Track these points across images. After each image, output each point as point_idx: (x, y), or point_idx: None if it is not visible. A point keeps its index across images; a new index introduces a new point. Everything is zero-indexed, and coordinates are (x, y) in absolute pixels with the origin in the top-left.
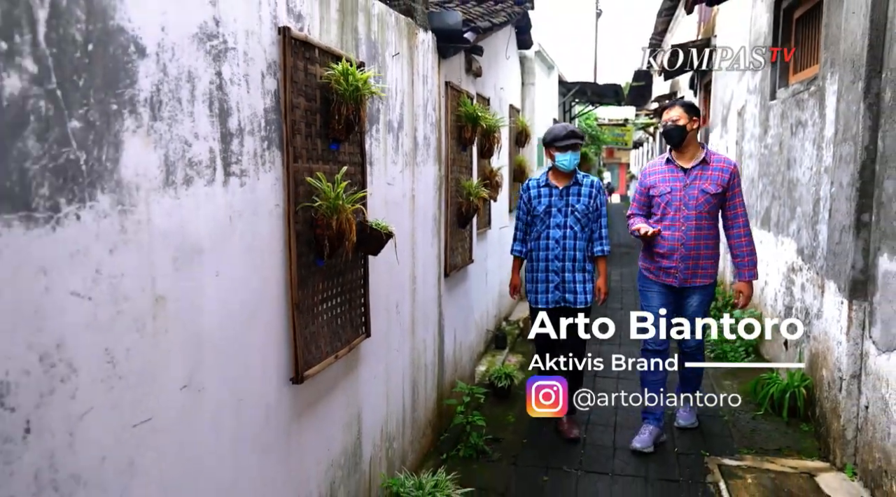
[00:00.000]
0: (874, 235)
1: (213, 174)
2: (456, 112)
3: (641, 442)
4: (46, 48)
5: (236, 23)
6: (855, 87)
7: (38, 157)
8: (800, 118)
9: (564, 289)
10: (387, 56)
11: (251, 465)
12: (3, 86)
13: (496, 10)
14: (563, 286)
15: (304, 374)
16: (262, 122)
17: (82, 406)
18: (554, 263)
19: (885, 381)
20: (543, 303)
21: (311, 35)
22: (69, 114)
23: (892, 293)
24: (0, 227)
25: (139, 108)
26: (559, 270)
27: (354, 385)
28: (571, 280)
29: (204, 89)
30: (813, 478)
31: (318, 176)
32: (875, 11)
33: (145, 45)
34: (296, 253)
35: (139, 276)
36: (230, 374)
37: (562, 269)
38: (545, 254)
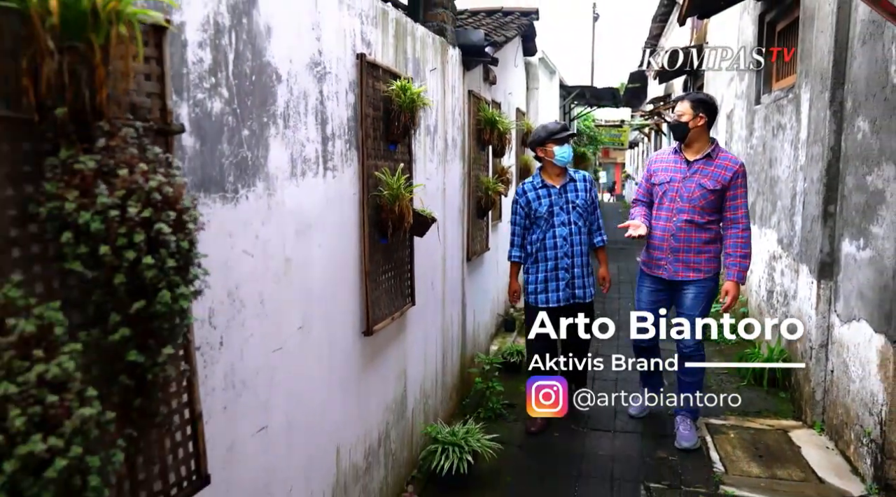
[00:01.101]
0: (838, 224)
1: (317, 168)
2: (476, 117)
3: (636, 409)
4: (233, 80)
5: (331, 52)
6: (823, 96)
7: (228, 155)
8: (780, 122)
9: (574, 285)
10: (426, 71)
11: (335, 395)
12: (212, 107)
13: (507, 23)
14: (572, 282)
15: (372, 328)
16: (346, 128)
17: (248, 332)
18: (564, 261)
19: (846, 347)
20: (554, 301)
21: (377, 58)
22: (242, 125)
23: (851, 272)
24: (211, 203)
25: (277, 120)
26: (569, 267)
27: (403, 345)
28: (580, 275)
29: (312, 104)
30: (786, 433)
31: (383, 171)
32: (839, 33)
33: (281, 74)
34: (367, 232)
35: (277, 242)
36: (326, 322)
37: (571, 265)
38: (554, 252)
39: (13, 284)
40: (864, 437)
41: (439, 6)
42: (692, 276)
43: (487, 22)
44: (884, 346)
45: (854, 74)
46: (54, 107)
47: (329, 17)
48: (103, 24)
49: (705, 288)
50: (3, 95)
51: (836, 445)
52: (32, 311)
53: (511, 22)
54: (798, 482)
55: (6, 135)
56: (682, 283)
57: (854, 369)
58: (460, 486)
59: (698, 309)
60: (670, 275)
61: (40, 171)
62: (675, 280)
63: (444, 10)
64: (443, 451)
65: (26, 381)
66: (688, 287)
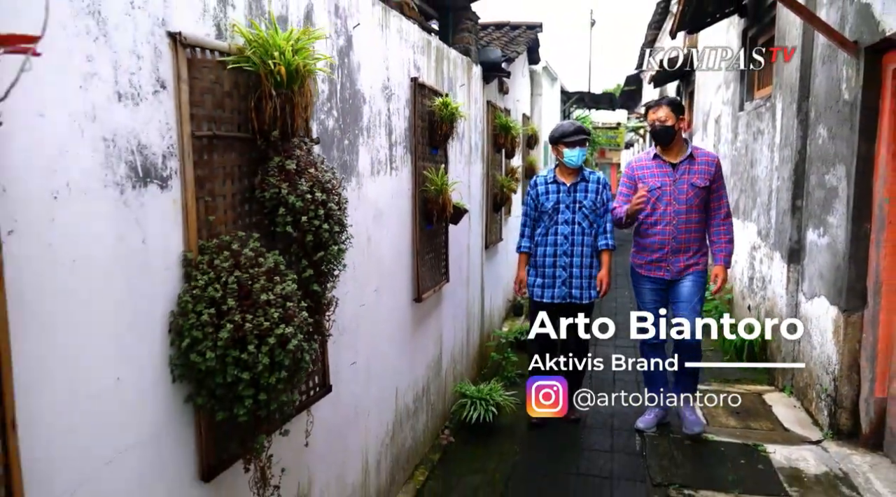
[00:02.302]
0: (804, 216)
1: (386, 168)
2: (493, 123)
3: (645, 423)
4: (339, 104)
5: (395, 77)
6: (792, 106)
7: (336, 158)
8: (759, 127)
9: (571, 284)
10: (457, 86)
11: (395, 347)
12: (328, 124)
13: (516, 37)
14: (570, 282)
15: (421, 296)
16: (404, 136)
17: (346, 289)
18: (562, 259)
19: (809, 319)
20: (549, 297)
21: (424, 79)
22: (344, 136)
23: (813, 256)
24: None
25: (363, 132)
26: (567, 266)
27: (439, 315)
28: (578, 276)
29: (383, 119)
30: (761, 396)
31: (429, 170)
32: (804, 53)
33: (366, 97)
34: (418, 219)
35: (362, 224)
36: (390, 289)
37: (569, 264)
38: (553, 249)
39: (254, 239)
40: (822, 393)
41: (465, 31)
42: (693, 269)
43: (497, 35)
44: (837, 315)
45: (816, 89)
46: (270, 130)
47: (393, 50)
48: (300, 78)
49: (701, 277)
50: (238, 124)
51: (802, 404)
52: (267, 255)
53: (519, 36)
54: (767, 431)
55: (239, 148)
56: (680, 278)
57: (815, 337)
58: (486, 432)
59: (696, 297)
60: (673, 275)
61: (255, 171)
62: (675, 278)
63: (469, 34)
64: (471, 404)
65: (276, 292)
66: (685, 277)
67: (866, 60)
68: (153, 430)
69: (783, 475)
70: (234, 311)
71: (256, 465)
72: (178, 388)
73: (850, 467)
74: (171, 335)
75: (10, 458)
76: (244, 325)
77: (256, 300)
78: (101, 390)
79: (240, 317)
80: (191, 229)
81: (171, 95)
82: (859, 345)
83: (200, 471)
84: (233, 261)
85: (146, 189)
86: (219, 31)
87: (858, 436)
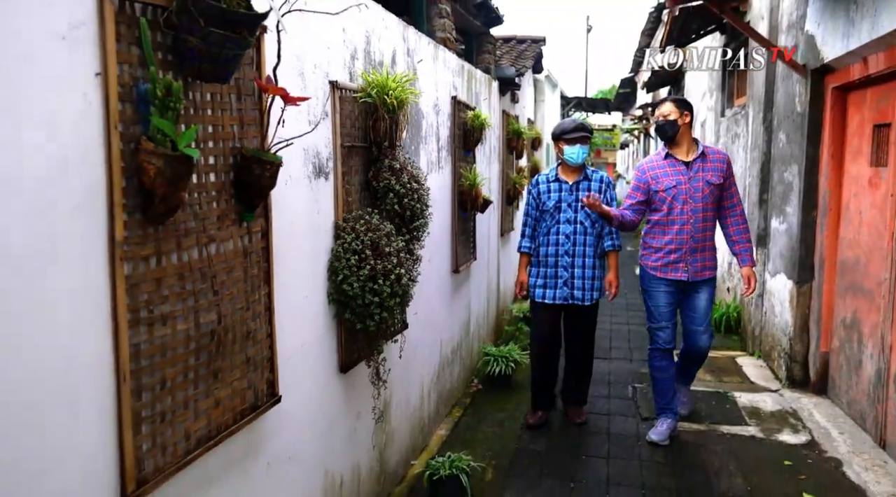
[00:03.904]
0: (769, 207)
1: (436, 168)
2: (507, 129)
3: (659, 435)
4: (410, 119)
5: (441, 97)
6: (759, 115)
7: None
8: (736, 131)
9: (573, 285)
10: (481, 100)
11: (439, 306)
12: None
13: (523, 51)
14: (571, 283)
15: (458, 269)
16: (447, 142)
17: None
18: (564, 259)
19: (773, 293)
20: (551, 298)
21: (459, 96)
22: (411, 143)
23: (776, 240)
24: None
25: (422, 140)
26: (569, 266)
27: (469, 286)
28: (580, 276)
29: (434, 130)
30: (734, 359)
31: (463, 169)
32: (768, 70)
33: (423, 114)
34: (456, 208)
35: None
36: (438, 260)
37: (571, 264)
38: (555, 249)
39: (373, 214)
40: (781, 352)
41: (486, 52)
42: (708, 274)
43: (507, 49)
44: (792, 287)
45: (778, 101)
46: (382, 141)
47: (440, 76)
48: (402, 106)
49: (713, 287)
50: (361, 138)
51: (767, 364)
52: (383, 224)
53: (526, 50)
54: (737, 383)
55: (362, 154)
56: (698, 283)
57: (777, 307)
58: (506, 383)
59: (710, 309)
60: (691, 275)
61: (370, 169)
62: (695, 280)
63: (489, 55)
64: (494, 361)
65: (392, 247)
66: (701, 288)
67: (812, 80)
68: (319, 334)
69: (745, 412)
70: (369, 258)
71: (374, 364)
72: (331, 309)
73: (799, 406)
74: (328, 273)
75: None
76: (376, 267)
77: (382, 251)
78: (300, 302)
79: (373, 262)
80: (339, 205)
81: (330, 121)
82: (808, 310)
83: (340, 365)
84: (366, 226)
85: (319, 180)
86: (350, 77)
87: (808, 384)
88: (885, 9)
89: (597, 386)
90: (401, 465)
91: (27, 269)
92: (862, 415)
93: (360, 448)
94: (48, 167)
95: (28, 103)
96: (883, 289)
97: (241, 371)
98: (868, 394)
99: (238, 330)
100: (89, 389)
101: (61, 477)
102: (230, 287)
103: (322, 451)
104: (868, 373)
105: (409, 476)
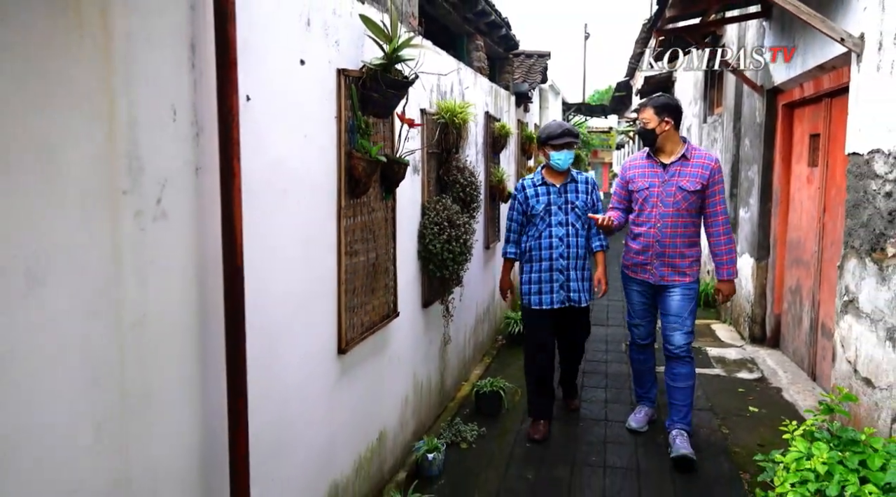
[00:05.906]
0: (738, 199)
1: (474, 167)
2: (521, 135)
3: (637, 421)
4: (472, 128)
5: (478, 113)
6: (730, 123)
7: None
8: (715, 136)
9: (569, 288)
10: (503, 112)
11: (476, 276)
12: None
13: (532, 65)
14: (567, 285)
15: (489, 245)
16: (481, 147)
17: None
18: (559, 262)
19: (741, 269)
20: (548, 303)
21: (490, 110)
22: (461, 148)
23: (742, 227)
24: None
25: (469, 145)
26: (564, 269)
27: (493, 261)
28: (576, 278)
29: (474, 138)
30: (709, 326)
31: (492, 167)
32: (737, 86)
33: (469, 127)
34: (489, 198)
35: None
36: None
37: (566, 267)
38: (549, 252)
39: (444, 199)
40: (745, 316)
41: (506, 72)
42: (677, 279)
43: (517, 63)
44: (753, 264)
45: (744, 113)
46: (450, 148)
47: (478, 96)
48: (465, 121)
49: (691, 289)
50: (435, 145)
51: (735, 328)
52: (453, 206)
53: (535, 64)
54: (709, 342)
55: (436, 157)
56: (668, 287)
57: (743, 281)
58: (519, 343)
59: (686, 310)
60: (656, 279)
61: (440, 167)
62: (660, 284)
63: (508, 75)
64: (514, 323)
65: (460, 221)
66: (673, 290)
67: (767, 98)
68: (413, 277)
69: (713, 360)
70: (447, 227)
71: (446, 303)
72: (418, 263)
73: (756, 355)
74: (418, 237)
75: (395, 269)
76: (451, 234)
77: (455, 223)
78: (406, 255)
79: (449, 230)
80: (425, 192)
81: (421, 136)
82: (766, 281)
83: (422, 302)
84: (443, 206)
85: (415, 175)
86: (430, 104)
87: (765, 340)
88: (809, 49)
89: (596, 343)
90: (452, 388)
91: (319, 221)
92: (801, 358)
93: (431, 365)
94: (318, 170)
95: (313, 133)
96: (814, 259)
97: (383, 291)
98: (805, 341)
99: (382, 265)
100: (329, 290)
101: (318, 336)
102: (380, 238)
103: (413, 359)
104: (805, 326)
105: (457, 397)
